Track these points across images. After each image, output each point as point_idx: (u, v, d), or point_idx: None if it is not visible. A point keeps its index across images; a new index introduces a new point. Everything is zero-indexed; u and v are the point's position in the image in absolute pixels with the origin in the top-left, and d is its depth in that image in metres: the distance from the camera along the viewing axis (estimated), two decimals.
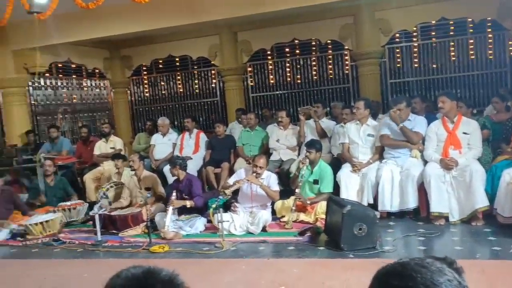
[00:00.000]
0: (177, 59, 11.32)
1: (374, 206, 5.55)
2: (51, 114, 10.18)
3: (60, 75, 10.65)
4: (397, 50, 9.96)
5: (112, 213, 6.09)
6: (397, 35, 9.69)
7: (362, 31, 9.19)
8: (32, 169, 7.90)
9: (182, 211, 5.87)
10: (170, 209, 5.62)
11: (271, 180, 5.75)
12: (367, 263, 4.19)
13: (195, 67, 11.50)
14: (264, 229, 5.49)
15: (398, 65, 9.99)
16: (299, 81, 10.75)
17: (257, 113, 8.94)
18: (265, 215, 5.54)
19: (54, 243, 5.74)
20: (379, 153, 5.97)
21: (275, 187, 5.79)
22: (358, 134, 6.08)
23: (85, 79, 11.26)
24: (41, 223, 5.99)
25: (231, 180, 5.85)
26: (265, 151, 7.21)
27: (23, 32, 7.91)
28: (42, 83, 10.10)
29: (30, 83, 9.49)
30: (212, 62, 10.70)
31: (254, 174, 5.61)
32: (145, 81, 11.96)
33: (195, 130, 8.14)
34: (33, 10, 4.42)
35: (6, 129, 8.99)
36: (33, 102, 9.88)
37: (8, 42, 8.40)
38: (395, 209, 5.55)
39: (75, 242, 5.71)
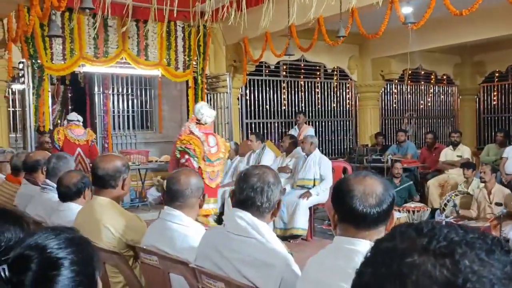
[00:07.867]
0: None
1: None
2: (398, 118, 10.72)
3: (409, 82, 11.06)
4: None
5: (459, 222, 5.95)
6: None
7: None
8: (379, 168, 8.51)
9: None
10: None
11: None
12: None
13: None
14: None
15: None
16: None
17: None
18: None
19: None
20: None
21: None
22: None
23: (432, 85, 11.34)
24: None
25: None
26: None
27: (383, 41, 8.56)
28: (393, 89, 10.74)
29: (382, 89, 10.24)
30: None
31: None
32: (495, 88, 11.11)
33: None
34: (408, 22, 4.73)
35: (359, 130, 9.99)
36: (382, 106, 10.62)
37: (369, 51, 9.29)
38: None
39: None
